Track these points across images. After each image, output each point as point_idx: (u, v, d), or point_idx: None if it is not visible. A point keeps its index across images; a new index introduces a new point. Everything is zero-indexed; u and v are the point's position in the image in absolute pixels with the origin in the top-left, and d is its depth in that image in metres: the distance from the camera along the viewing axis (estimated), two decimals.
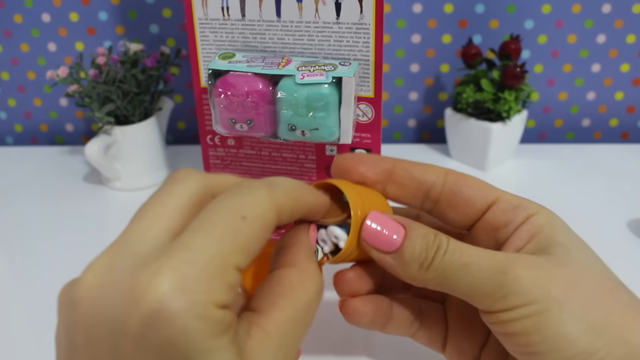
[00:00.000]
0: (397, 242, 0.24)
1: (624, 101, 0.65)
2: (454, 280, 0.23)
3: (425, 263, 0.24)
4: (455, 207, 0.26)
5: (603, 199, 0.52)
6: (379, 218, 0.25)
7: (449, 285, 0.23)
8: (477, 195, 0.26)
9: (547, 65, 0.63)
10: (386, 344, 0.36)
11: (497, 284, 0.22)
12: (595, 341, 0.21)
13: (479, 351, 0.28)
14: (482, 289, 0.23)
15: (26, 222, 0.51)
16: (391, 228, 0.25)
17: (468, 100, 0.56)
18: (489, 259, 0.23)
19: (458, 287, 0.23)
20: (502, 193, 0.26)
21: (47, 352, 0.36)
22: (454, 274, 0.23)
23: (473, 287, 0.23)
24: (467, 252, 0.23)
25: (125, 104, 0.53)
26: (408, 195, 0.27)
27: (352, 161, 0.27)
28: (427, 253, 0.24)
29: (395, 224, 0.25)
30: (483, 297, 0.23)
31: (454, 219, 0.27)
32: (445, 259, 0.23)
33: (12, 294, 0.42)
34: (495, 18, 0.61)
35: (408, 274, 0.24)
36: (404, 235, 0.24)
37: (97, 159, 0.53)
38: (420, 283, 0.24)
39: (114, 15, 0.62)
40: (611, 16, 0.60)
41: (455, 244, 0.24)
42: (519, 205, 0.26)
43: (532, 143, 0.66)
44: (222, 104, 0.38)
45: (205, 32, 0.40)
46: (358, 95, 0.40)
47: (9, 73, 0.66)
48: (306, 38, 0.39)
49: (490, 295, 0.22)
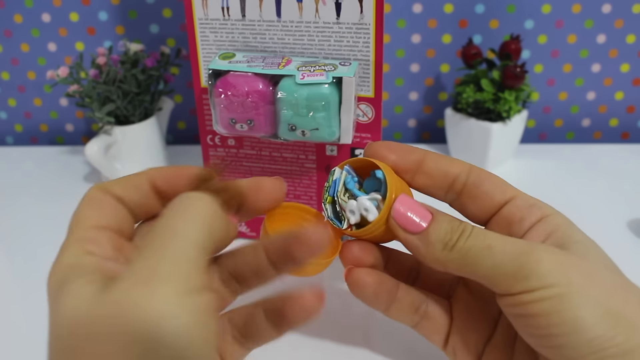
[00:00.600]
0: (423, 223, 0.25)
1: (624, 101, 0.65)
2: (476, 261, 0.24)
3: (450, 244, 0.24)
4: (475, 199, 0.28)
5: (603, 199, 0.52)
6: (408, 201, 0.26)
7: (471, 266, 0.24)
8: (497, 190, 0.27)
9: (547, 65, 0.63)
10: (386, 337, 0.36)
11: (519, 265, 0.23)
12: (614, 327, 0.22)
13: (483, 347, 0.28)
14: (503, 270, 0.23)
15: (26, 222, 0.51)
16: (420, 211, 0.26)
17: (468, 100, 0.56)
18: (512, 242, 0.24)
19: (479, 268, 0.24)
20: (519, 192, 0.28)
21: (46, 352, 0.36)
22: (476, 255, 0.24)
23: (495, 268, 0.23)
24: (491, 235, 0.24)
25: (126, 104, 0.53)
26: (435, 185, 0.28)
27: (385, 149, 0.28)
28: (452, 235, 0.25)
29: (423, 209, 0.26)
30: (504, 278, 0.23)
31: (472, 211, 0.28)
32: (470, 241, 0.24)
33: (12, 293, 0.42)
34: (495, 18, 0.61)
35: (431, 255, 0.25)
36: (431, 219, 0.25)
37: (97, 159, 0.53)
38: (442, 264, 0.25)
39: (114, 15, 0.62)
40: (611, 16, 0.60)
41: (479, 230, 0.25)
42: (534, 204, 0.27)
43: (532, 143, 0.66)
44: (222, 104, 0.38)
45: (205, 32, 0.40)
46: (358, 95, 0.40)
47: (9, 73, 0.66)
48: (306, 38, 0.39)
49: (511, 276, 0.23)
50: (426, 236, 0.25)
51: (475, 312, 0.29)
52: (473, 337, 0.28)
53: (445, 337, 0.29)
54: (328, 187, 0.28)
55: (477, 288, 0.29)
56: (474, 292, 0.29)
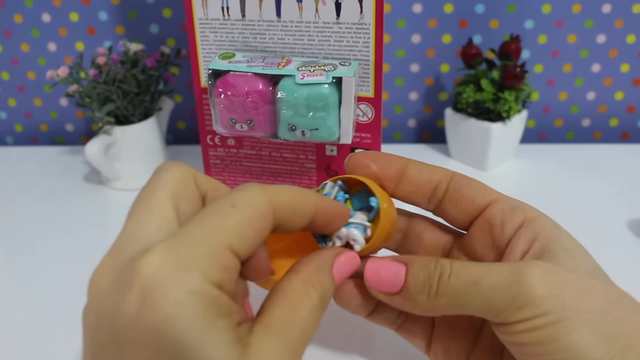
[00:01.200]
0: (400, 280, 0.25)
1: (624, 101, 0.65)
2: (465, 301, 0.23)
3: (432, 292, 0.24)
4: (456, 204, 0.27)
5: (603, 199, 0.52)
6: (378, 262, 0.26)
7: (463, 307, 0.23)
8: (478, 193, 0.27)
9: (547, 65, 0.63)
10: (386, 337, 0.36)
11: (511, 297, 0.22)
12: (609, 350, 0.21)
13: (466, 355, 0.28)
14: (496, 305, 0.22)
15: (26, 221, 0.51)
16: (392, 269, 0.25)
17: (468, 100, 0.56)
18: (498, 273, 0.23)
19: (471, 307, 0.23)
20: (501, 195, 0.27)
21: (47, 352, 0.36)
22: (464, 295, 0.23)
23: (486, 304, 0.23)
24: (474, 270, 0.23)
25: (126, 104, 0.53)
26: (418, 193, 0.28)
27: (367, 159, 0.28)
28: (430, 281, 0.24)
29: (394, 264, 0.25)
30: (497, 312, 0.23)
31: (454, 216, 0.28)
32: (452, 282, 0.23)
33: (12, 293, 0.42)
34: (495, 18, 0.61)
35: (420, 308, 0.24)
36: (405, 271, 0.25)
37: (97, 159, 0.53)
38: (436, 312, 0.24)
39: (114, 15, 0.62)
40: (611, 16, 0.60)
41: (459, 265, 0.24)
42: (517, 206, 0.26)
43: (532, 143, 0.66)
44: (222, 104, 0.38)
45: (205, 32, 0.40)
46: (358, 95, 0.40)
47: (9, 73, 0.66)
48: (306, 38, 0.39)
49: (504, 309, 0.22)
50: (407, 292, 0.24)
51: (457, 321, 0.28)
52: (455, 346, 0.28)
53: (428, 342, 0.29)
54: None
55: None
56: None
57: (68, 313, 0.39)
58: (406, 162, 0.28)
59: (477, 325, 0.28)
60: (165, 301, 0.17)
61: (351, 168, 0.28)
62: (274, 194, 0.21)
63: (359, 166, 0.28)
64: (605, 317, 0.22)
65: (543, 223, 0.25)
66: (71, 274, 0.43)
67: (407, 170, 0.28)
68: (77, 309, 0.39)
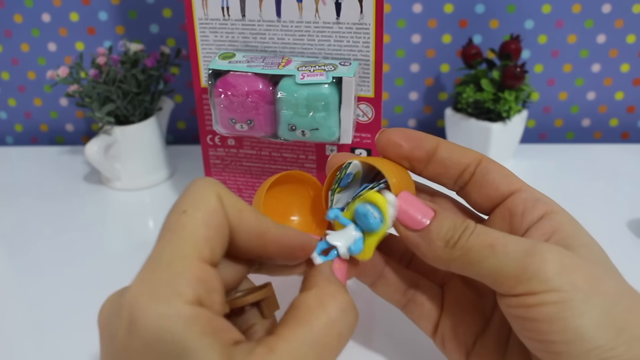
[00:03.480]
0: (425, 221, 0.25)
1: (624, 101, 0.65)
2: (478, 259, 0.23)
3: (452, 242, 0.24)
4: (480, 188, 0.27)
5: (603, 199, 0.52)
6: (410, 198, 0.26)
7: (473, 265, 0.24)
8: (503, 181, 0.27)
9: (547, 65, 0.63)
10: (385, 338, 0.36)
11: (523, 266, 0.22)
12: (615, 338, 0.21)
13: (473, 340, 0.28)
14: (506, 270, 0.23)
15: (26, 221, 0.51)
16: (422, 209, 0.25)
17: (468, 100, 0.56)
18: (516, 242, 0.23)
19: (482, 268, 0.23)
20: (526, 185, 0.27)
21: (46, 352, 0.36)
22: (479, 254, 0.23)
23: (498, 268, 0.23)
24: (494, 234, 0.24)
25: (126, 104, 0.53)
26: (445, 174, 0.28)
27: (400, 137, 0.27)
28: (454, 232, 0.24)
29: (425, 206, 0.26)
30: (506, 278, 0.23)
31: (476, 200, 0.28)
32: (472, 239, 0.24)
33: (12, 293, 0.42)
34: (495, 18, 0.61)
35: (433, 253, 0.25)
36: (433, 216, 0.25)
37: (97, 159, 0.53)
38: (444, 263, 0.25)
39: (114, 15, 0.62)
40: (611, 16, 0.60)
41: (482, 227, 0.24)
42: (540, 198, 0.26)
43: (532, 143, 0.66)
44: (222, 104, 0.38)
45: (205, 32, 0.40)
46: (358, 95, 0.40)
47: (9, 73, 0.66)
48: (306, 38, 0.39)
49: (514, 277, 0.22)
50: (428, 233, 0.25)
51: (468, 305, 0.28)
52: (463, 330, 0.28)
53: (434, 325, 0.29)
54: (340, 178, 0.28)
55: (472, 281, 0.29)
56: (469, 285, 0.29)
57: (68, 313, 0.39)
58: (437, 143, 0.28)
59: (487, 312, 0.28)
60: (144, 330, 0.17)
61: (382, 146, 0.28)
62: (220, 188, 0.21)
63: (390, 145, 0.27)
64: (615, 306, 0.22)
65: (563, 218, 0.26)
66: (71, 274, 0.43)
67: (437, 151, 0.28)
68: (76, 309, 0.39)
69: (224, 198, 0.21)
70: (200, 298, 0.18)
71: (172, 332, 0.17)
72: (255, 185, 0.45)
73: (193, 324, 0.17)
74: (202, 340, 0.17)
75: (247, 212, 0.21)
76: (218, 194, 0.21)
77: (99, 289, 0.41)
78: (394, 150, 0.27)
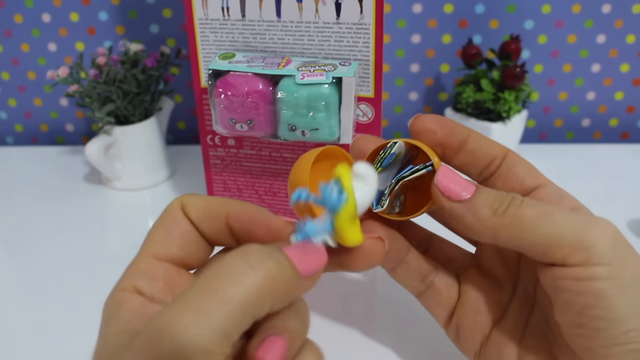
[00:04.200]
0: (469, 192, 0.25)
1: (624, 101, 0.65)
2: (532, 226, 0.23)
3: (500, 210, 0.24)
4: (505, 181, 0.27)
5: (603, 199, 0.52)
6: (450, 172, 0.26)
7: (526, 232, 0.23)
8: (528, 175, 0.27)
9: (547, 65, 0.63)
10: (385, 340, 0.36)
11: (581, 235, 0.22)
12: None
13: (489, 329, 0.28)
14: (563, 239, 0.22)
15: (26, 221, 0.51)
16: (462, 183, 0.25)
17: (468, 100, 0.56)
18: (570, 213, 0.23)
19: (536, 235, 0.23)
20: (549, 181, 0.28)
21: (46, 352, 0.36)
22: (533, 221, 0.23)
23: (554, 235, 0.22)
24: (545, 205, 0.24)
25: (126, 104, 0.53)
26: (474, 165, 0.28)
27: (435, 124, 0.27)
28: (501, 202, 0.24)
29: (466, 181, 0.25)
30: (561, 247, 0.22)
31: None
32: (524, 207, 0.23)
33: (12, 293, 0.42)
34: (495, 18, 0.61)
35: (479, 222, 0.24)
36: (475, 189, 0.25)
37: (97, 159, 0.53)
38: (491, 232, 0.24)
39: (114, 15, 0.62)
40: (611, 16, 0.60)
41: (530, 200, 0.24)
42: (564, 194, 0.27)
43: (532, 143, 0.66)
44: (223, 104, 0.38)
45: (205, 32, 0.40)
46: (358, 96, 0.40)
47: (9, 73, 0.66)
48: (306, 38, 0.39)
49: (570, 245, 0.22)
50: (473, 203, 0.24)
51: (485, 294, 0.28)
52: (479, 319, 0.28)
53: (450, 313, 0.29)
54: (383, 157, 0.27)
55: (490, 271, 0.29)
56: (486, 275, 0.29)
57: (68, 313, 0.39)
58: (468, 133, 0.28)
59: (504, 302, 0.28)
60: None
61: (418, 131, 0.28)
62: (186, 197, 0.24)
63: (425, 131, 0.27)
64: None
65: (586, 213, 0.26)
66: (71, 274, 0.43)
67: (468, 141, 0.28)
68: (76, 309, 0.39)
69: (186, 201, 0.24)
70: (136, 286, 0.22)
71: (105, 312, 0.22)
72: (255, 185, 0.45)
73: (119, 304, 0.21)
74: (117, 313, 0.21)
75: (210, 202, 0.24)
76: (181, 201, 0.24)
77: (98, 288, 0.41)
78: (429, 137, 0.27)
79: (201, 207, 0.24)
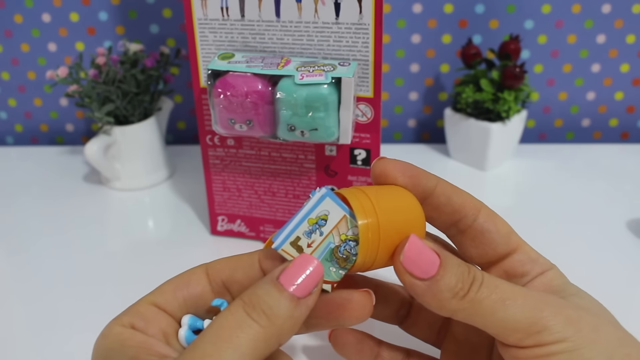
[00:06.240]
0: (432, 270, 0.24)
1: (624, 101, 0.65)
2: (487, 312, 0.23)
3: (461, 293, 0.23)
4: (477, 245, 0.27)
5: (603, 199, 0.52)
6: (417, 244, 0.24)
7: (480, 317, 0.23)
8: (501, 241, 0.27)
9: (547, 65, 0.63)
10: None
11: (533, 320, 0.23)
12: None
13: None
14: (515, 325, 0.23)
15: (26, 221, 0.51)
16: (428, 256, 0.24)
17: (468, 100, 0.56)
18: (524, 296, 0.23)
19: (490, 320, 0.23)
20: (522, 243, 0.27)
21: (46, 351, 0.36)
22: (489, 307, 0.23)
23: (507, 321, 0.23)
24: (502, 287, 0.24)
25: (125, 104, 0.53)
26: (439, 219, 0.27)
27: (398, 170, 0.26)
28: (463, 284, 0.23)
29: (431, 253, 0.24)
30: (515, 331, 0.23)
31: (471, 255, 0.28)
32: (482, 291, 0.23)
33: (12, 293, 0.42)
34: (495, 18, 0.61)
35: (439, 303, 0.24)
36: (439, 265, 0.24)
37: (97, 159, 0.53)
38: (449, 312, 0.24)
39: (114, 16, 0.62)
40: (611, 16, 0.60)
41: (489, 278, 0.24)
42: (536, 259, 0.27)
43: (532, 143, 0.66)
44: (222, 104, 0.38)
45: (204, 32, 0.40)
46: (357, 96, 0.40)
47: (9, 73, 0.66)
48: (305, 38, 0.39)
49: (524, 330, 0.23)
50: (435, 284, 0.23)
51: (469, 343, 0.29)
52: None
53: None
54: None
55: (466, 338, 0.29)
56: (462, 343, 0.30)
57: (67, 313, 0.39)
58: (436, 183, 0.26)
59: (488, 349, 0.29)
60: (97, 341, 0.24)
61: (377, 175, 0.26)
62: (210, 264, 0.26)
63: (384, 176, 0.26)
64: (616, 351, 0.23)
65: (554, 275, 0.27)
66: (71, 274, 0.43)
67: (434, 194, 0.26)
68: (76, 309, 0.39)
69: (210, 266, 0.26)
70: (133, 324, 0.23)
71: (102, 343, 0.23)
72: (254, 185, 0.45)
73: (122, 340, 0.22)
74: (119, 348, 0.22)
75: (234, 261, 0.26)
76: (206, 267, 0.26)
77: (98, 288, 0.41)
78: (387, 183, 0.26)
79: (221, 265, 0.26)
